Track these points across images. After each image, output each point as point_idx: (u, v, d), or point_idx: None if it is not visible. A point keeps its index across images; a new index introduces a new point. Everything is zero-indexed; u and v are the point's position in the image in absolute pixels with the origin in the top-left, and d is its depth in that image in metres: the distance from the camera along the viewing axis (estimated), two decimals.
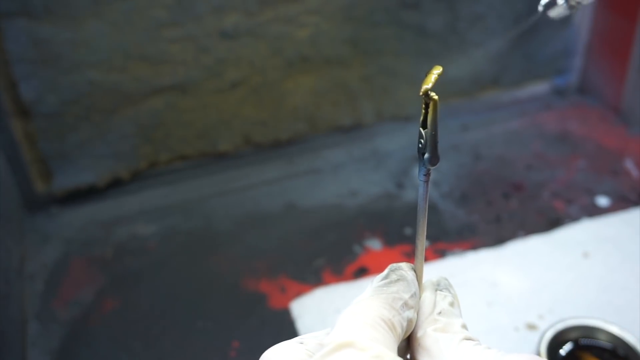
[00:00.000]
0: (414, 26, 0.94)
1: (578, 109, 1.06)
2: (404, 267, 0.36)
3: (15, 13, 0.76)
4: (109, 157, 0.89)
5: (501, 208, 0.85)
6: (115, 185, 0.91)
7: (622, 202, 0.85)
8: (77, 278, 0.79)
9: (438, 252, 0.79)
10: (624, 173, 0.90)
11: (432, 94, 0.32)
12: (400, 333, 0.32)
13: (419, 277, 0.36)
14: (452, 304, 0.35)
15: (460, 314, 0.35)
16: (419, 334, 0.34)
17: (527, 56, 1.05)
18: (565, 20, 1.04)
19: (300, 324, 0.70)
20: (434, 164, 0.33)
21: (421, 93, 0.32)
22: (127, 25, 0.81)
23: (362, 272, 0.77)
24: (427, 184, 0.34)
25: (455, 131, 1.02)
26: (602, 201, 0.85)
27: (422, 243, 0.36)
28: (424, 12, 0.93)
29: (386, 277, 0.35)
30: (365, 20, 0.91)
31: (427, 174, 0.34)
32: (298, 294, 0.74)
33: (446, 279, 0.37)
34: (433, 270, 0.75)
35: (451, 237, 0.81)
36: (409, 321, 0.33)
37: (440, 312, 0.35)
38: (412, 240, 0.81)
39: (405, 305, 0.33)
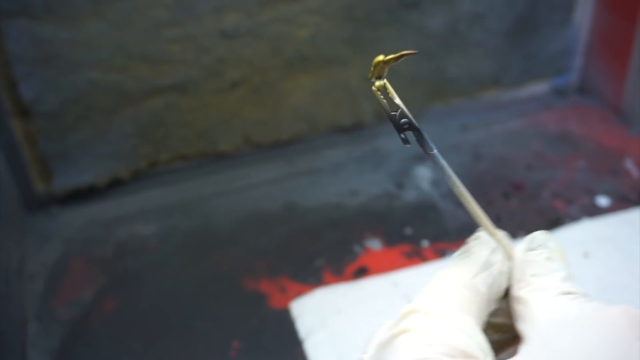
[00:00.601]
0: (414, 26, 0.94)
1: (578, 109, 1.06)
2: (478, 232, 0.36)
3: (16, 13, 0.76)
4: (109, 157, 0.89)
5: (501, 208, 0.85)
6: (115, 185, 0.91)
7: (622, 202, 0.85)
8: (77, 278, 0.79)
9: (438, 252, 0.79)
10: (624, 173, 0.90)
11: (378, 82, 0.32)
12: (486, 292, 0.31)
13: (496, 238, 0.35)
14: (548, 259, 0.33)
15: (561, 267, 0.33)
16: (513, 297, 0.32)
17: (527, 56, 1.05)
18: (565, 21, 1.04)
19: (300, 324, 0.70)
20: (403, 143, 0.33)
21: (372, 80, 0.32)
22: (127, 25, 0.81)
23: (362, 272, 0.77)
24: (435, 156, 0.34)
25: (455, 131, 1.02)
26: (602, 201, 0.85)
27: (469, 204, 0.36)
28: (424, 12, 0.94)
29: (462, 247, 0.35)
30: (366, 20, 0.91)
31: (424, 150, 0.33)
32: (298, 294, 0.74)
33: (543, 233, 0.35)
34: (433, 271, 0.75)
35: (451, 237, 0.81)
36: (499, 275, 0.32)
37: (533, 274, 0.33)
38: (412, 240, 0.81)
39: (487, 263, 0.33)
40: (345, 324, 0.69)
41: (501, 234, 0.35)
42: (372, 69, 0.33)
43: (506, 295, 0.33)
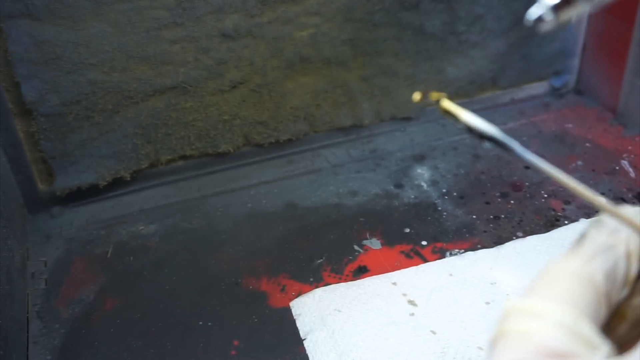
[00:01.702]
0: (413, 27, 0.95)
1: (575, 110, 1.07)
2: (599, 216, 0.31)
3: (18, 15, 0.76)
4: (110, 157, 0.89)
5: (499, 208, 0.86)
6: (116, 185, 0.92)
7: (619, 202, 0.85)
8: (79, 277, 0.79)
9: (437, 251, 0.79)
10: (621, 173, 0.91)
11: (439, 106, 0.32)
12: (603, 279, 0.28)
13: (620, 216, 0.30)
14: None
15: None
16: None
17: (525, 57, 1.05)
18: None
19: (300, 322, 0.70)
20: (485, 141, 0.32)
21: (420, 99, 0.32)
22: (128, 26, 0.81)
23: (362, 272, 0.77)
24: (518, 154, 0.32)
25: (454, 132, 1.02)
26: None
27: (577, 189, 0.31)
28: (423, 13, 0.94)
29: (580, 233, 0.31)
30: (365, 21, 0.92)
31: (504, 148, 0.32)
32: (298, 293, 0.74)
33: None
34: (432, 270, 0.76)
35: (450, 237, 0.81)
36: (624, 257, 0.29)
37: None
38: (411, 239, 0.82)
39: (606, 246, 0.29)
40: (344, 323, 0.69)
41: (630, 210, 0.31)
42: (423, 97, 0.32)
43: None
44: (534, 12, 0.31)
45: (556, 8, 0.31)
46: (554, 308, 0.26)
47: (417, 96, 0.33)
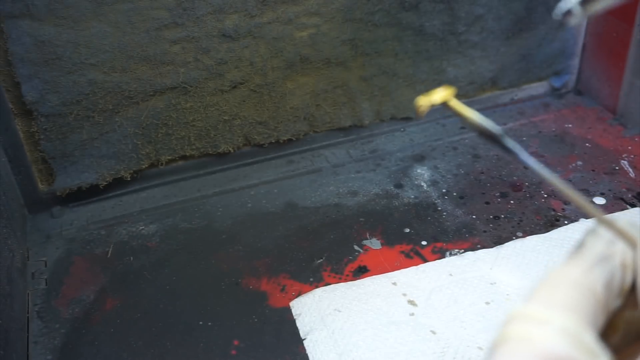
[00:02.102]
0: (413, 27, 0.95)
1: (575, 110, 1.07)
2: (592, 224, 0.32)
3: (18, 15, 0.76)
4: (110, 157, 0.89)
5: (499, 208, 0.86)
6: (116, 185, 0.92)
7: (619, 202, 0.86)
8: (79, 277, 0.80)
9: (437, 251, 0.79)
10: (621, 173, 0.91)
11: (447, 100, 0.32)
12: (602, 288, 0.28)
13: (614, 227, 0.30)
14: None
15: None
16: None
17: (525, 57, 1.05)
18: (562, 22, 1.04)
19: (300, 322, 0.70)
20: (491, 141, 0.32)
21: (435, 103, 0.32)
22: (128, 26, 0.82)
23: (362, 272, 0.77)
24: (517, 156, 0.32)
25: (454, 132, 1.03)
26: (599, 201, 0.86)
27: (571, 196, 0.32)
28: (423, 14, 0.94)
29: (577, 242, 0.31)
30: (365, 21, 0.92)
31: (504, 149, 0.32)
32: (298, 293, 0.75)
33: None
34: (432, 270, 0.76)
35: (450, 237, 0.82)
36: (620, 268, 0.29)
37: None
38: (411, 239, 0.82)
39: (603, 256, 0.29)
40: (344, 323, 0.69)
41: (623, 221, 0.31)
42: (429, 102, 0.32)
43: (634, 290, 0.30)
44: (563, 6, 0.31)
45: (584, 1, 0.31)
46: (557, 315, 0.27)
47: (420, 102, 0.33)
